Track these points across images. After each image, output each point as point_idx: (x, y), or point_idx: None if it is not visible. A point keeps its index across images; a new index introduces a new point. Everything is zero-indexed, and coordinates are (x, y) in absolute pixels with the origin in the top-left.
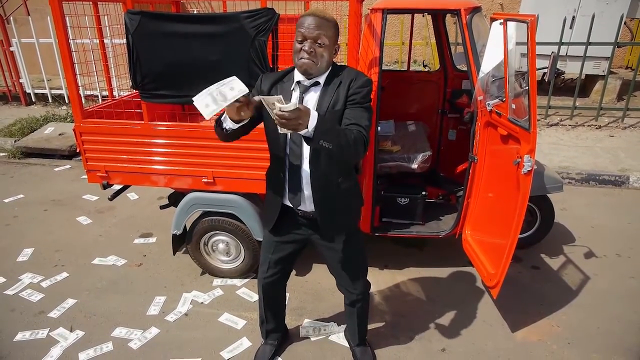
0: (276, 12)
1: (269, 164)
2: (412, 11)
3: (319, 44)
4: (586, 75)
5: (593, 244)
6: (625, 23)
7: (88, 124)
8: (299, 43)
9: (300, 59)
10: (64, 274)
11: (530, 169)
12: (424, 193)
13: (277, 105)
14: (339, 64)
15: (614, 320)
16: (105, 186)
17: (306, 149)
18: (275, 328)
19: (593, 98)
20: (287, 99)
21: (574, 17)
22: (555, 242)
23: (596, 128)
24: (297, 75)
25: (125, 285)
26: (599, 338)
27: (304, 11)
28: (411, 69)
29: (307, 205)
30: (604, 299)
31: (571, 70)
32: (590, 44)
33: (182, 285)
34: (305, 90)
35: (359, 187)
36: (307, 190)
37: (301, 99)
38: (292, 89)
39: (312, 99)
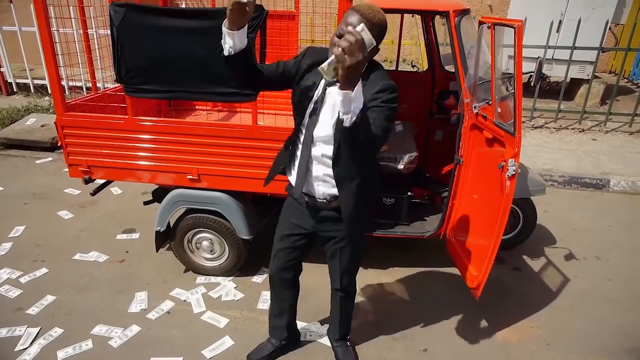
0: (265, 9)
1: (261, 162)
2: (401, 11)
3: None
4: (571, 78)
5: (574, 246)
6: (610, 28)
7: (70, 117)
8: (338, 37)
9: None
10: (44, 270)
11: (514, 173)
12: (409, 193)
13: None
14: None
15: (592, 322)
16: (87, 181)
17: (318, 135)
18: (280, 327)
19: (577, 101)
20: (317, 82)
21: (560, 21)
22: (537, 243)
23: (580, 131)
24: None
25: (107, 281)
26: (577, 339)
27: (294, 8)
28: (400, 68)
29: (314, 190)
30: (582, 300)
31: (557, 73)
32: (575, 48)
33: (165, 283)
34: (330, 82)
35: (376, 175)
36: (315, 173)
37: (324, 91)
38: (322, 79)
39: (335, 94)
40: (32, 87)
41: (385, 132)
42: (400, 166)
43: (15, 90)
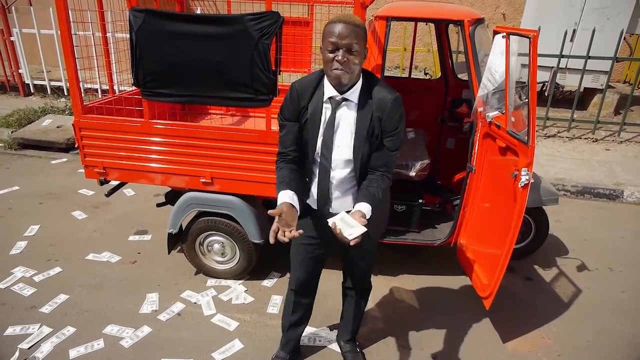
0: (281, 16)
1: (273, 167)
2: (416, 20)
3: (351, 52)
4: (585, 88)
5: (586, 256)
6: (624, 38)
7: (88, 119)
8: (330, 52)
9: (334, 69)
10: (57, 269)
11: (527, 182)
12: (421, 201)
13: (346, 233)
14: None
15: (603, 334)
16: (103, 182)
17: (336, 158)
18: (295, 338)
19: (591, 111)
20: (320, 109)
21: (574, 31)
22: (549, 253)
23: (593, 141)
24: (328, 87)
25: (119, 282)
26: (588, 351)
27: (308, 14)
28: (412, 75)
29: (336, 206)
30: (594, 312)
31: (570, 82)
32: (590, 57)
33: (176, 285)
34: (337, 105)
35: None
36: (336, 193)
37: (334, 115)
38: (323, 102)
39: (346, 116)
40: (48, 89)
41: (399, 150)
42: (412, 173)
43: (32, 91)
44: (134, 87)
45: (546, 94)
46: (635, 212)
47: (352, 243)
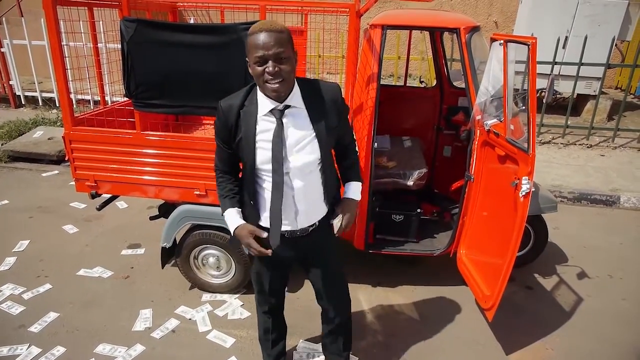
0: None
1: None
2: (411, 28)
3: (281, 60)
4: (578, 94)
5: (585, 264)
6: (616, 45)
7: (78, 132)
8: (259, 66)
9: (266, 82)
10: (47, 286)
11: (528, 191)
12: (419, 210)
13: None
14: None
15: (606, 344)
16: (94, 195)
17: (294, 167)
18: (282, 352)
19: (584, 117)
20: (253, 124)
21: (567, 38)
22: (549, 261)
23: (587, 147)
24: (262, 101)
25: (111, 298)
26: None
27: (302, 24)
28: (407, 84)
29: (300, 221)
30: (596, 320)
31: (563, 89)
32: (582, 64)
33: (170, 300)
34: (281, 114)
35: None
36: (300, 207)
37: (280, 125)
38: (263, 115)
39: (294, 122)
40: (40, 100)
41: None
42: (410, 182)
43: (23, 103)
44: (126, 98)
45: (544, 101)
46: (633, 218)
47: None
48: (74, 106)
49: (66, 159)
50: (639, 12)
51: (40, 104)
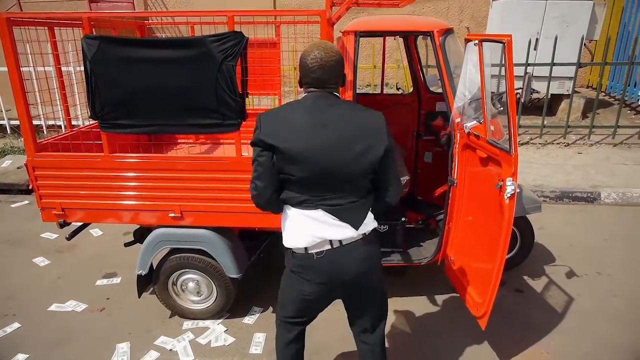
0: (245, 36)
1: (247, 195)
2: (385, 34)
3: None
4: (551, 94)
5: (573, 262)
6: (585, 44)
7: (42, 158)
8: None
9: None
10: (15, 325)
11: (513, 192)
12: (403, 219)
13: None
14: None
15: (601, 345)
16: (62, 225)
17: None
18: None
19: (559, 116)
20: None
21: (537, 40)
22: (536, 262)
23: (565, 145)
24: None
25: (85, 333)
26: None
27: (275, 35)
28: (384, 91)
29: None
30: (589, 320)
31: (538, 90)
32: (554, 64)
33: (149, 332)
34: None
35: None
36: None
37: None
38: None
39: None
40: (8, 128)
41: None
42: None
43: None
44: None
45: (522, 101)
46: (614, 213)
47: None
48: (44, 133)
49: (30, 187)
50: (604, 11)
51: (9, 132)
